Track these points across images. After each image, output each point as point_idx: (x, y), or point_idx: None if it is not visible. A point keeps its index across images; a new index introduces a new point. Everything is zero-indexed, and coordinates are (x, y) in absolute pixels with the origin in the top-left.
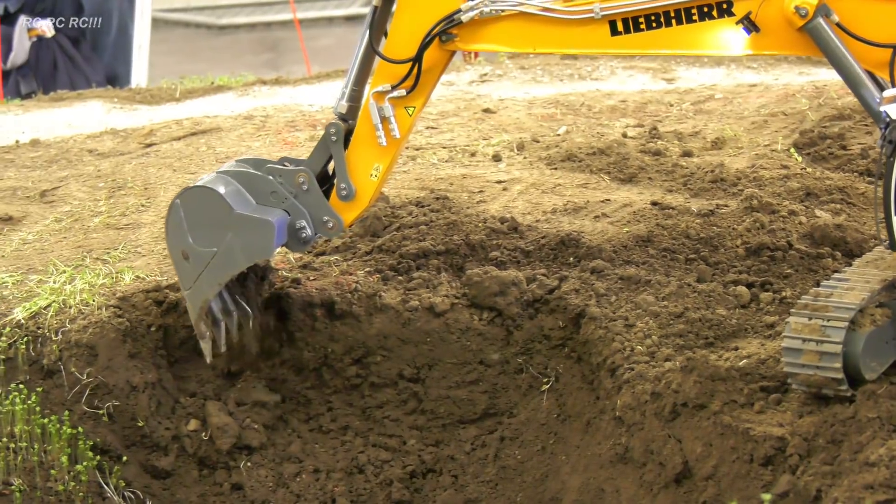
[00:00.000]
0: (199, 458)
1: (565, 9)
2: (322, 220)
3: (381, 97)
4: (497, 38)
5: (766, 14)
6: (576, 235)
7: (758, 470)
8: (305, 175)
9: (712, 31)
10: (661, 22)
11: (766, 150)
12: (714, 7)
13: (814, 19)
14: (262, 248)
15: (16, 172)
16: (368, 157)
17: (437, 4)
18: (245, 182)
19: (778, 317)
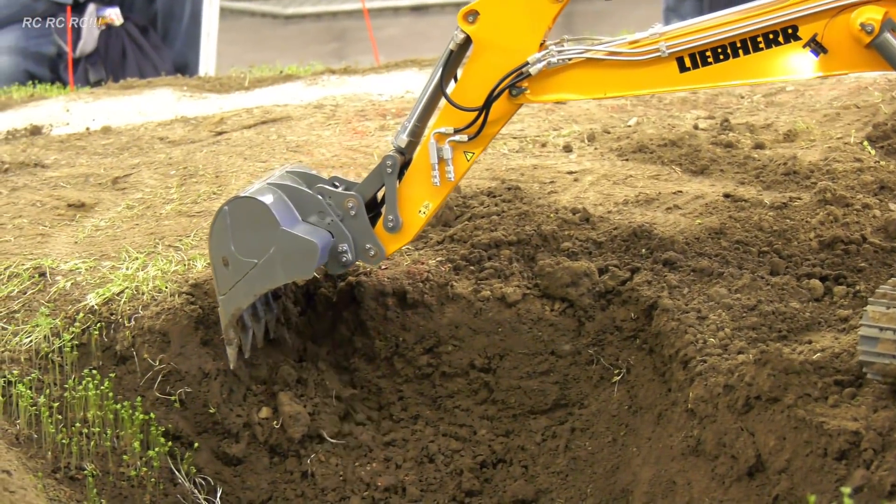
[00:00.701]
0: (270, 446)
1: (631, 51)
2: (365, 247)
3: (442, 138)
4: (566, 86)
5: (833, 35)
6: (648, 227)
7: (831, 464)
8: (355, 200)
9: (781, 58)
10: (728, 54)
11: (838, 143)
12: (780, 33)
13: (881, 34)
14: (303, 268)
15: (87, 159)
16: (420, 194)
17: (511, 57)
18: (294, 198)
19: (852, 310)
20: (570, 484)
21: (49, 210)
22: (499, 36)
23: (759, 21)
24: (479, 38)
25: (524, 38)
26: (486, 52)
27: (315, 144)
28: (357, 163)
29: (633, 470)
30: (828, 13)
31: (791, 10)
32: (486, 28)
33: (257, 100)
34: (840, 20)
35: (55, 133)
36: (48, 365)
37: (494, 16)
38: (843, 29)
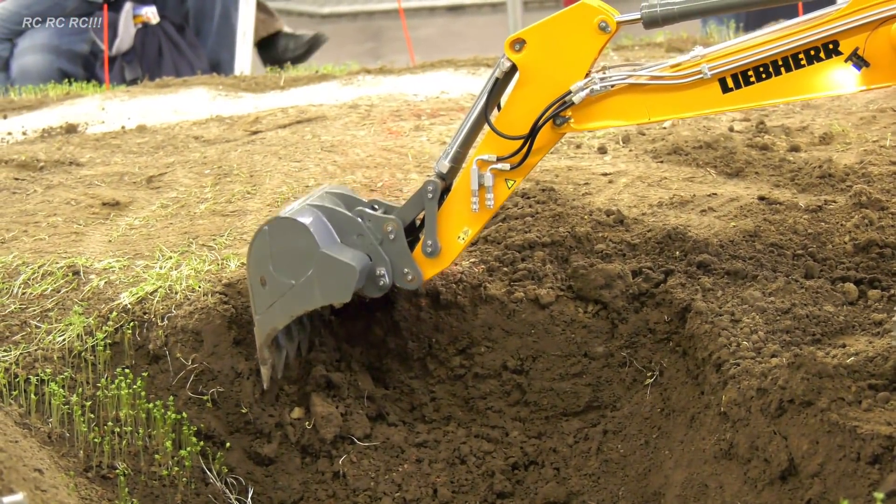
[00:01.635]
0: (301, 447)
1: (674, 74)
2: (402, 271)
3: (484, 165)
4: (610, 113)
5: (875, 47)
6: (682, 229)
7: (865, 468)
8: (395, 224)
9: (823, 73)
10: (770, 72)
11: (875, 146)
12: (821, 49)
13: None
14: (340, 290)
15: (122, 158)
16: (460, 220)
17: (556, 87)
18: (334, 219)
19: (886, 314)
20: (602, 486)
21: (83, 208)
22: (545, 66)
23: (800, 38)
24: (526, 67)
25: (570, 69)
26: (531, 81)
27: (350, 144)
28: (392, 163)
29: (665, 472)
30: (868, 26)
31: (831, 26)
32: (533, 57)
33: (292, 99)
34: (881, 33)
35: (90, 131)
36: (81, 364)
37: (542, 46)
38: (884, 41)
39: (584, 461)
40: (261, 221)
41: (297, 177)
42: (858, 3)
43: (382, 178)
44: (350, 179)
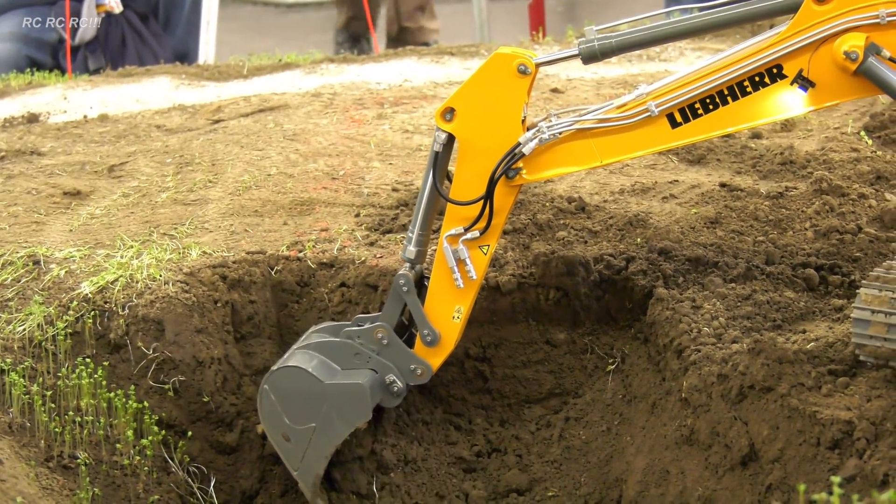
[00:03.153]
0: (263, 435)
1: (621, 115)
2: (410, 370)
3: (454, 240)
4: (562, 160)
5: (818, 68)
6: (643, 216)
7: (824, 453)
8: (383, 330)
9: (770, 98)
10: (717, 103)
11: (835, 133)
12: (765, 74)
13: (865, 60)
14: (359, 412)
15: (84, 147)
16: (449, 301)
17: (498, 141)
18: (326, 351)
19: (846, 300)
20: (564, 473)
21: (44, 198)
22: (481, 125)
23: (744, 66)
24: (462, 133)
25: (505, 120)
26: (472, 144)
27: (312, 133)
28: (354, 151)
29: (626, 459)
30: (809, 47)
31: (774, 50)
32: (466, 122)
33: (255, 88)
34: (822, 52)
35: (52, 121)
36: (41, 353)
37: (470, 107)
38: (827, 60)
39: (546, 448)
40: (223, 210)
41: (259, 165)
42: (798, 25)
43: (344, 167)
44: (312, 168)
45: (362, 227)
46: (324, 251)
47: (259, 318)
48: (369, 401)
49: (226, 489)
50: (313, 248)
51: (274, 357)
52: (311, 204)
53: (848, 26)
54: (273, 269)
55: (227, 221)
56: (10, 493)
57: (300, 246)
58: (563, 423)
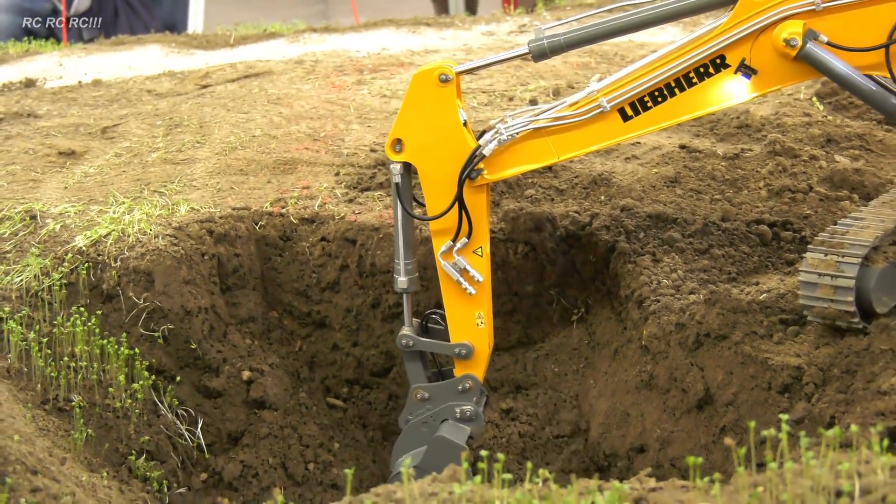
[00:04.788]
0: (248, 381)
1: (574, 112)
2: (459, 391)
3: (449, 255)
4: (520, 159)
5: (760, 55)
6: (607, 175)
7: (775, 397)
8: (419, 390)
9: (716, 87)
10: (665, 95)
11: (789, 99)
12: (709, 65)
13: (805, 46)
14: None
15: (78, 110)
16: (468, 311)
17: (451, 150)
18: (406, 447)
19: (797, 255)
20: (534, 401)
21: (41, 157)
22: (428, 144)
23: (689, 58)
24: (415, 157)
25: (448, 130)
26: (427, 163)
27: (295, 97)
28: (334, 115)
29: (590, 401)
30: (750, 37)
31: (717, 42)
32: (415, 146)
33: (241, 56)
34: (763, 41)
35: (48, 86)
36: (38, 303)
37: (413, 131)
38: (768, 48)
39: (515, 376)
40: (210, 169)
41: (244, 127)
42: (738, 16)
43: (325, 129)
44: (294, 130)
45: (342, 185)
46: (305, 207)
47: (244, 271)
48: (460, 449)
49: (212, 431)
50: (295, 205)
51: (259, 307)
52: (293, 163)
53: (786, 14)
54: (257, 225)
55: (213, 179)
56: (8, 432)
57: (283, 203)
58: (534, 361)
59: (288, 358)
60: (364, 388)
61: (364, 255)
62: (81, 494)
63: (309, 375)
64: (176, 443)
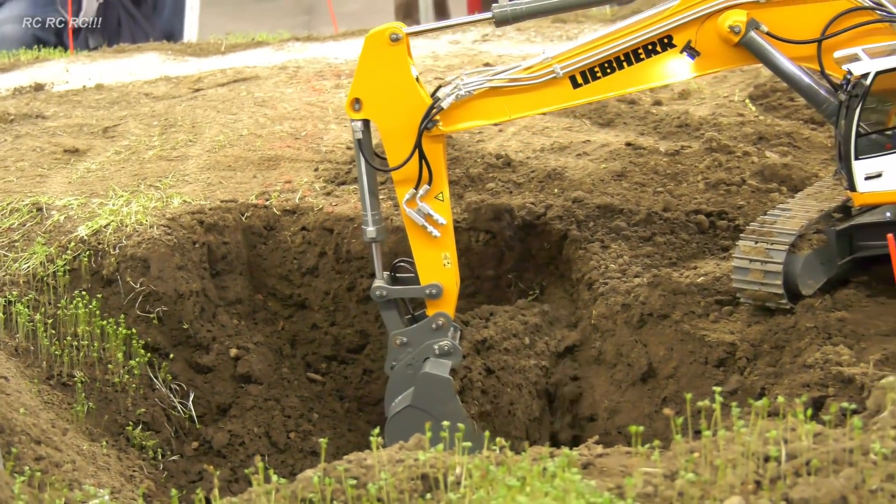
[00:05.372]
0: (235, 357)
1: (529, 75)
2: (433, 329)
3: (412, 202)
4: (474, 114)
5: (705, 39)
6: (560, 170)
7: (711, 371)
8: (397, 336)
9: (660, 64)
10: (614, 67)
11: (725, 101)
12: (657, 43)
13: (747, 33)
14: (446, 385)
15: (82, 112)
16: (434, 254)
17: (407, 103)
18: (397, 390)
19: (732, 241)
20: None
21: (47, 154)
22: (385, 100)
23: (639, 35)
24: (374, 114)
25: (402, 85)
26: (386, 118)
27: (279, 100)
28: (314, 115)
29: None
30: (698, 21)
31: (666, 23)
32: (372, 103)
33: (231, 62)
34: (708, 26)
35: (56, 90)
36: (43, 287)
37: (370, 89)
38: (712, 33)
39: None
40: (201, 165)
41: (232, 127)
42: (688, 1)
43: (306, 129)
44: (278, 129)
45: (320, 180)
46: (287, 200)
47: (231, 257)
48: (447, 377)
49: (203, 403)
50: (278, 198)
51: (245, 290)
52: (276, 160)
53: (731, 3)
54: (244, 215)
55: (204, 175)
56: (14, 406)
57: (267, 195)
58: (495, 326)
59: (272, 336)
60: (341, 363)
61: (340, 243)
62: (82, 462)
63: (291, 352)
64: (169, 414)
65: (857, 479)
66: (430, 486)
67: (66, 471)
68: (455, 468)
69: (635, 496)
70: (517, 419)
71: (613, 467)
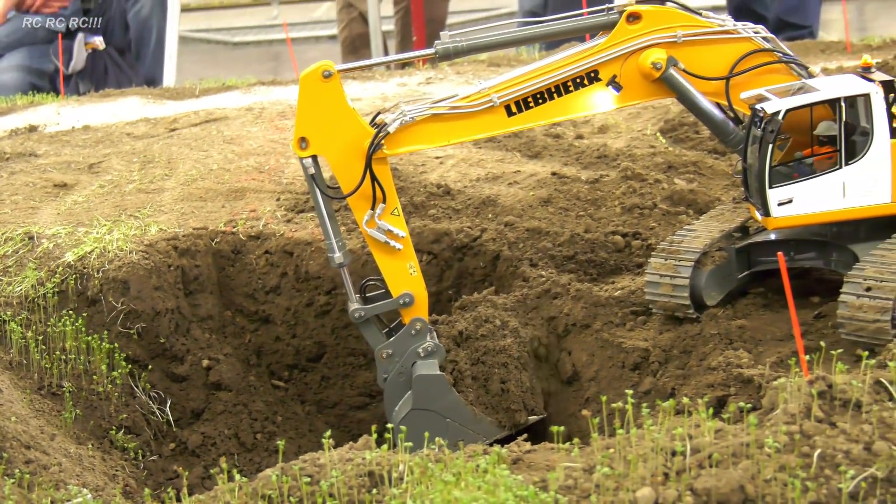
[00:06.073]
0: (207, 367)
1: (469, 103)
2: (412, 334)
3: (372, 222)
4: (417, 139)
5: (628, 74)
6: (494, 198)
7: (628, 374)
8: (384, 350)
9: (587, 96)
10: (545, 97)
11: (639, 134)
12: (585, 77)
13: (667, 70)
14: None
15: (71, 150)
16: (400, 265)
17: (350, 134)
18: (395, 397)
19: (645, 259)
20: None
21: (39, 189)
22: (329, 134)
23: (569, 69)
24: (321, 149)
25: (343, 118)
26: (333, 151)
27: (245, 138)
28: (277, 151)
29: None
30: (621, 58)
31: (593, 59)
32: (318, 139)
33: (204, 105)
34: (631, 62)
35: (48, 130)
36: (34, 307)
37: (313, 127)
38: (634, 69)
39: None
40: (176, 197)
41: (204, 162)
42: (613, 39)
43: (269, 163)
44: (244, 164)
45: (282, 208)
46: (252, 227)
47: (203, 278)
48: (440, 371)
49: (178, 409)
50: (244, 225)
51: (215, 307)
52: (243, 191)
53: (652, 42)
54: (213, 241)
55: (178, 205)
56: (6, 414)
57: (234, 223)
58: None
59: (239, 348)
60: (301, 371)
61: (300, 265)
62: (68, 464)
63: (256, 362)
64: (149, 419)
65: (753, 470)
66: (376, 482)
67: (52, 472)
68: (398, 465)
69: (557, 489)
70: (512, 394)
71: (540, 462)
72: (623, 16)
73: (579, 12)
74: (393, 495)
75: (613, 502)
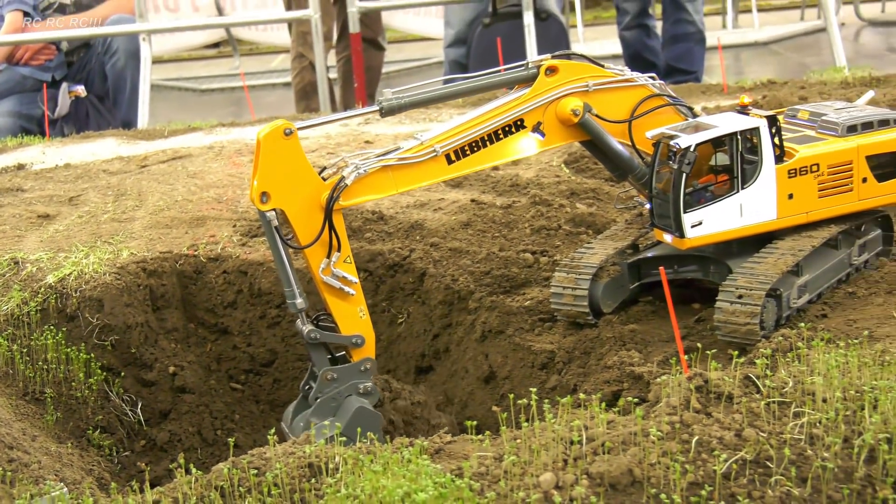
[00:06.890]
0: (173, 374)
1: (414, 154)
2: (361, 371)
3: (327, 270)
4: (368, 190)
5: (549, 120)
6: (421, 222)
7: (537, 373)
8: (328, 372)
9: (515, 142)
10: (479, 146)
11: (546, 166)
12: (512, 126)
13: (584, 115)
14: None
15: (53, 185)
16: (351, 309)
17: (307, 189)
18: (320, 415)
19: (550, 273)
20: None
21: (24, 219)
22: (289, 188)
23: (497, 120)
24: (282, 203)
25: (301, 173)
26: (292, 203)
27: (206, 173)
28: (234, 184)
29: None
30: (543, 107)
31: (518, 109)
32: (278, 193)
33: (171, 144)
34: (551, 110)
35: (34, 168)
36: (19, 323)
37: (274, 182)
38: (554, 116)
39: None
40: (145, 224)
41: (170, 195)
42: (534, 91)
43: (227, 195)
44: (205, 195)
45: (238, 234)
46: (212, 250)
47: (169, 295)
48: (376, 414)
49: (148, 410)
50: (205, 249)
51: (180, 321)
52: (203, 219)
53: (568, 92)
54: (178, 263)
55: (147, 232)
56: None
57: (196, 247)
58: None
59: (202, 356)
60: (256, 375)
61: (253, 282)
62: (48, 461)
63: (217, 368)
64: (122, 419)
65: (640, 456)
66: (315, 473)
67: (33, 469)
68: (335, 457)
69: (471, 475)
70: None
71: (458, 452)
72: (542, 69)
73: (499, 69)
74: (329, 484)
75: (520, 486)
